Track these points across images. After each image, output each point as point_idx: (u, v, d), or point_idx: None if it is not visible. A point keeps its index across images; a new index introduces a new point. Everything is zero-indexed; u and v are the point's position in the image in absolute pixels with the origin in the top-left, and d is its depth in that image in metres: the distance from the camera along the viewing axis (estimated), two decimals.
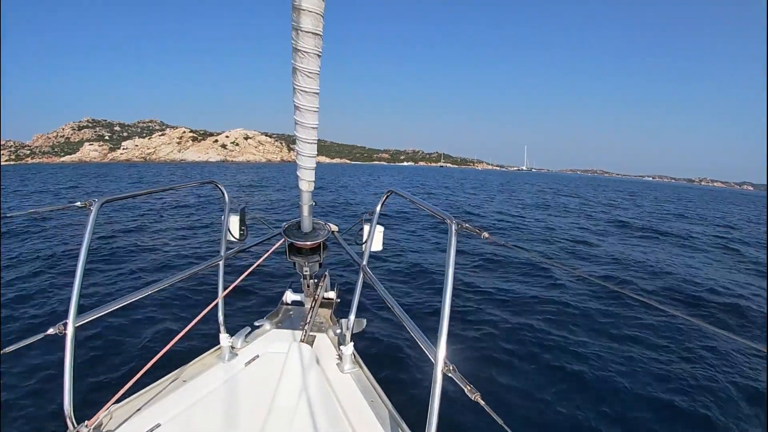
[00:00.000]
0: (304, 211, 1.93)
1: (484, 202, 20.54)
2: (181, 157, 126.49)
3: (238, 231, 2.26)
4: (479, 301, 5.13)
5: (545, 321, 4.57)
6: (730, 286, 6.52)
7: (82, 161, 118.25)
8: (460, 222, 1.31)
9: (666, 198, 36.99)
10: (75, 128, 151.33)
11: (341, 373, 1.78)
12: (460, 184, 38.31)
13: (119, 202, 9.04)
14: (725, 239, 12.12)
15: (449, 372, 1.13)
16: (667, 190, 70.64)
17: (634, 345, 4.12)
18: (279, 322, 2.24)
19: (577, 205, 21.23)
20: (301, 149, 1.71)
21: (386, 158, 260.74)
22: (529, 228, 11.83)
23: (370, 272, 1.86)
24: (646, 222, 14.84)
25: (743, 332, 4.74)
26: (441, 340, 1.16)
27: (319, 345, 2.00)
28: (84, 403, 1.36)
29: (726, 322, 5.05)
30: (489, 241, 1.31)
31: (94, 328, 3.72)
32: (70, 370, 1.24)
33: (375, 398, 1.62)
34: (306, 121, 1.60)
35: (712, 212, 23.54)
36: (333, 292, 2.45)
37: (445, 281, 1.24)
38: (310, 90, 1.51)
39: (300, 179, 1.81)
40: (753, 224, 18.13)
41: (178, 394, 1.59)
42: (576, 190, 37.93)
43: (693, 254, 9.31)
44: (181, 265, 6.51)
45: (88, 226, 1.36)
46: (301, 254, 2.05)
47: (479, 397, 1.06)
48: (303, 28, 1.33)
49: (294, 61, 1.43)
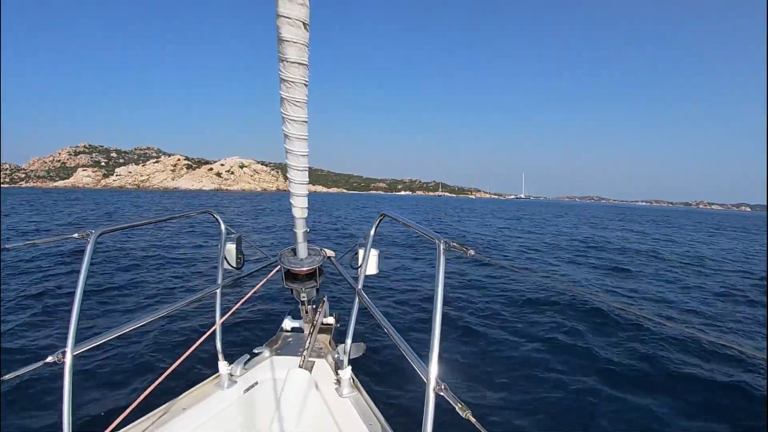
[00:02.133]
0: (298, 238, 1.92)
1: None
2: (175, 185, 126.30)
3: (234, 259, 2.28)
4: (470, 319, 5.24)
5: (536, 338, 4.67)
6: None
7: (75, 187, 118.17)
8: (448, 241, 1.34)
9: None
10: (71, 153, 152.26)
11: (340, 397, 1.79)
12: (511, 220, 29.04)
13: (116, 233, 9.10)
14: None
15: (441, 391, 1.14)
16: (702, 216, 67.71)
17: (627, 361, 4.16)
18: (278, 348, 2.24)
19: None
20: (293, 177, 1.72)
21: (383, 188, 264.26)
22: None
23: (365, 296, 1.88)
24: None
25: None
26: (432, 360, 1.18)
27: (318, 370, 2.00)
28: (83, 430, 1.33)
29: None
30: (475, 258, 1.34)
31: (93, 357, 3.71)
32: (68, 398, 1.24)
33: (374, 421, 1.63)
34: (296, 149, 1.62)
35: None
36: (332, 318, 2.46)
37: (435, 300, 1.26)
38: (298, 118, 1.53)
39: (293, 206, 1.82)
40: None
41: (177, 421, 1.59)
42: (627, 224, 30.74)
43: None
44: (178, 294, 6.53)
45: (85, 256, 1.39)
46: (298, 280, 2.04)
47: (470, 415, 1.06)
48: (288, 59, 1.36)
49: (282, 91, 1.46)
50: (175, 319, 4.74)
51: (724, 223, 42.84)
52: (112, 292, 6.38)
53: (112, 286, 6.80)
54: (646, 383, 3.73)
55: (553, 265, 10.25)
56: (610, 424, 3.05)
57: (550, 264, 10.37)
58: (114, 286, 6.77)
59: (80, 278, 1.36)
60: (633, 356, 4.26)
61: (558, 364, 4.00)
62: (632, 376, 3.86)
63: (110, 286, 6.79)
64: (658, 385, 3.70)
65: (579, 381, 3.68)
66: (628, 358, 4.20)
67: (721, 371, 3.96)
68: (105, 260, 9.14)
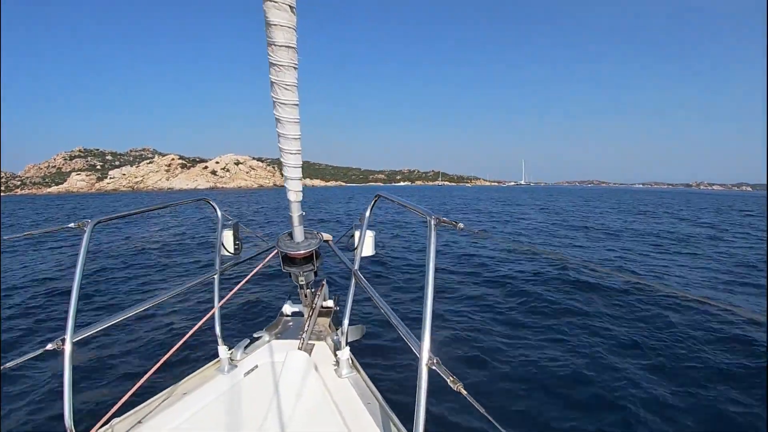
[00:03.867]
0: (294, 221, 1.95)
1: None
2: (169, 185, 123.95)
3: (232, 245, 2.32)
4: (462, 294, 5.40)
5: (526, 310, 4.81)
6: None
7: (69, 191, 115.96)
8: (438, 217, 1.37)
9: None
10: (67, 158, 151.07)
11: (339, 378, 1.80)
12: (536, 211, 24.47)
13: (112, 222, 9.16)
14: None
15: (433, 365, 1.16)
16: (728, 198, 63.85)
17: (614, 330, 4.24)
18: (278, 332, 2.26)
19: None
20: (286, 160, 1.75)
21: (382, 179, 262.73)
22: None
23: (361, 276, 1.91)
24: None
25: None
26: (425, 334, 1.20)
27: (317, 352, 2.02)
28: (84, 416, 1.39)
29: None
30: (465, 232, 1.36)
31: (93, 343, 3.77)
32: (69, 384, 1.27)
33: (372, 400, 1.64)
34: (288, 132, 1.65)
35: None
36: (331, 301, 2.49)
37: (426, 275, 1.29)
38: (288, 102, 1.56)
39: (288, 190, 1.84)
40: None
41: (178, 406, 1.61)
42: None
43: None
44: (176, 281, 6.59)
45: (82, 246, 1.41)
46: (295, 264, 2.07)
47: (462, 387, 1.09)
48: (276, 43, 1.39)
49: (271, 75, 1.49)
50: (174, 305, 4.83)
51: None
52: (110, 280, 6.48)
53: (110, 274, 6.91)
54: (639, 351, 3.78)
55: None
56: (605, 396, 3.08)
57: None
58: (112, 274, 6.88)
59: (78, 267, 1.40)
60: (630, 326, 4.32)
61: (549, 337, 4.08)
62: (626, 344, 3.92)
63: (108, 274, 6.90)
64: (649, 355, 3.75)
65: (571, 353, 3.74)
66: (625, 328, 4.26)
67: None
68: (102, 249, 9.24)
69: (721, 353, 3.72)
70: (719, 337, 4.02)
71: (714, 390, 3.13)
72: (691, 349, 3.80)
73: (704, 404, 2.96)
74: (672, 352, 3.77)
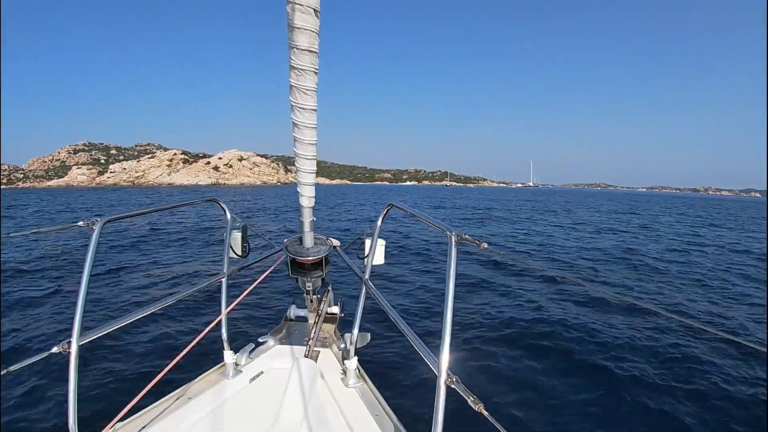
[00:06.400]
0: (305, 227, 1.93)
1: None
2: (170, 180, 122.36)
3: (240, 248, 2.29)
4: (481, 312, 5.16)
5: (549, 332, 4.60)
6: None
7: (69, 185, 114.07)
8: (460, 234, 1.33)
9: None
10: (71, 152, 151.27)
11: (346, 387, 1.78)
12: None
13: (122, 221, 9.20)
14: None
15: (452, 383, 1.12)
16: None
17: (643, 355, 4.10)
18: (283, 338, 2.25)
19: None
20: (301, 165, 1.73)
21: (388, 178, 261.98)
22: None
23: (372, 286, 1.88)
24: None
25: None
26: (444, 351, 1.16)
27: (323, 360, 2.00)
28: (89, 421, 1.36)
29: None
30: (489, 251, 1.32)
31: (99, 347, 3.73)
32: (74, 388, 1.25)
33: (380, 412, 1.62)
34: (305, 137, 1.63)
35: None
36: (337, 307, 2.46)
37: (446, 292, 1.25)
38: (307, 107, 1.54)
39: (300, 195, 1.82)
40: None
41: (182, 411, 1.60)
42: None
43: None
44: (184, 282, 6.56)
45: (90, 245, 1.38)
46: (303, 270, 2.05)
47: (483, 408, 1.05)
48: (299, 46, 1.37)
49: (291, 79, 1.47)
50: (181, 309, 4.78)
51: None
52: (117, 282, 6.42)
53: (118, 275, 6.86)
54: (672, 390, 3.52)
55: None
56: (628, 426, 3.00)
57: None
58: (119, 276, 6.82)
59: (86, 267, 1.36)
60: (663, 362, 4.01)
61: (580, 358, 3.94)
62: (658, 382, 3.63)
63: (115, 275, 6.85)
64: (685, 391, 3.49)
65: (596, 380, 3.58)
66: (655, 363, 3.97)
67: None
68: (110, 249, 9.18)
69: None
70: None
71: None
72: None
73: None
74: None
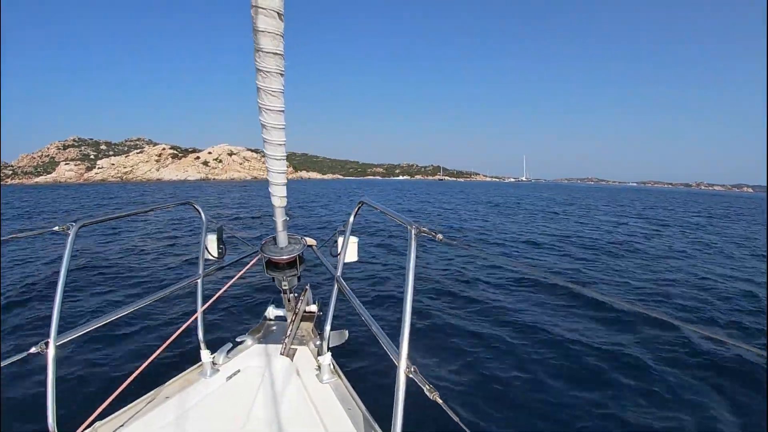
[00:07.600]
0: (278, 226, 1.95)
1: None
2: (158, 175, 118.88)
3: (216, 249, 2.31)
4: (441, 303, 5.43)
5: (503, 322, 4.82)
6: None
7: (57, 182, 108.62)
8: (419, 226, 1.38)
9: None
10: (60, 147, 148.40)
11: (320, 383, 1.82)
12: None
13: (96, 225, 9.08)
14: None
15: (410, 373, 1.17)
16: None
17: (587, 339, 4.29)
18: (261, 337, 2.27)
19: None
20: (271, 166, 1.74)
21: (381, 173, 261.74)
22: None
23: (343, 283, 1.92)
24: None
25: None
26: (403, 343, 1.21)
27: (299, 357, 2.03)
28: (67, 420, 1.38)
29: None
30: (444, 242, 1.36)
31: (76, 347, 3.75)
32: (52, 388, 1.28)
33: (352, 405, 1.66)
34: (273, 138, 1.64)
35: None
36: (314, 306, 2.49)
37: (406, 285, 1.29)
38: (274, 108, 1.55)
39: (272, 195, 1.83)
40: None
41: (160, 410, 1.63)
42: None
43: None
44: (159, 284, 6.55)
45: (66, 249, 1.41)
46: (278, 269, 2.07)
47: (438, 396, 1.11)
48: (263, 49, 1.38)
49: (257, 81, 1.48)
50: (157, 309, 4.79)
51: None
52: (93, 284, 6.39)
53: (93, 277, 6.80)
54: (611, 375, 3.67)
55: None
56: (573, 412, 3.11)
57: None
58: (95, 278, 6.77)
59: (62, 270, 1.39)
60: (604, 341, 4.29)
61: (523, 348, 4.13)
62: (599, 363, 3.85)
63: (91, 277, 6.79)
64: (630, 374, 3.68)
65: (543, 365, 3.78)
66: (598, 342, 4.24)
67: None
68: (85, 252, 9.09)
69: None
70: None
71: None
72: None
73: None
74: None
